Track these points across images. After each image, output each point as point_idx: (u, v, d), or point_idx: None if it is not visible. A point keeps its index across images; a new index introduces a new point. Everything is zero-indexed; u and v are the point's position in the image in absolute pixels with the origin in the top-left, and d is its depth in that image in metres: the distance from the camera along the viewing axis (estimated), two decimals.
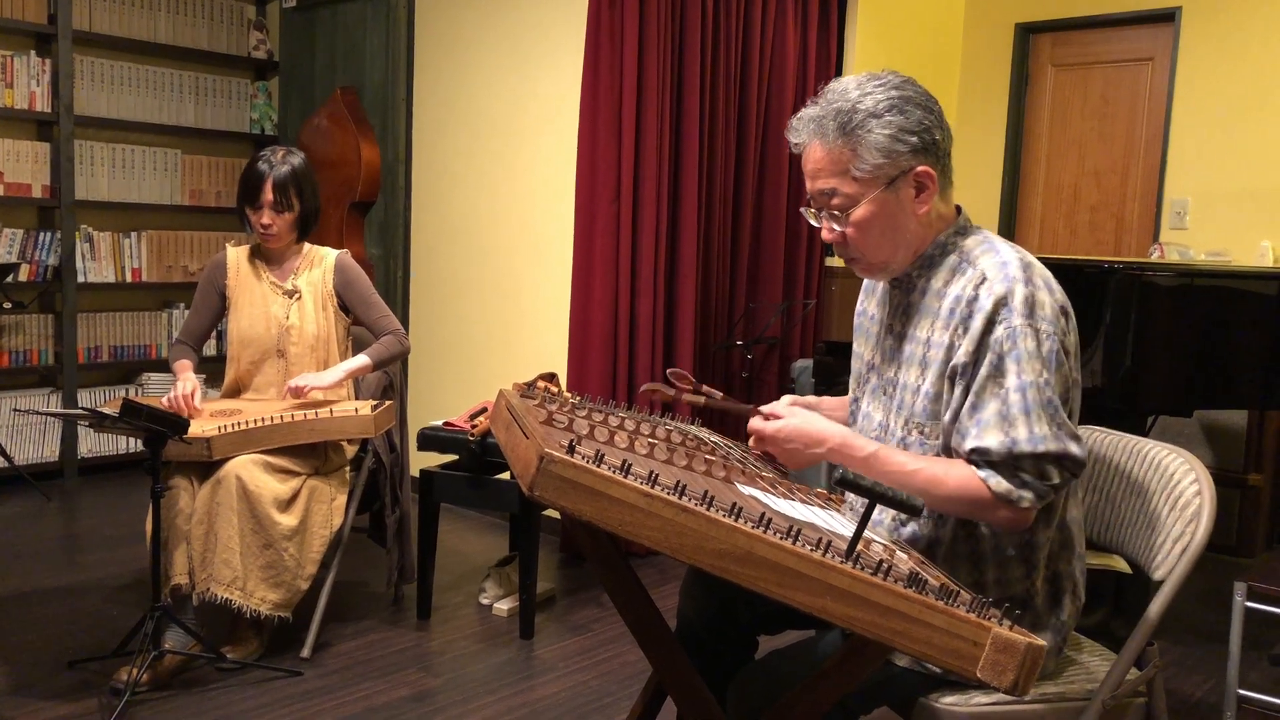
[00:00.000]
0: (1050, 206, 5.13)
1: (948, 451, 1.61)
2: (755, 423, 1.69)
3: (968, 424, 1.56)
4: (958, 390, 1.58)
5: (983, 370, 1.55)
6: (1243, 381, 3.07)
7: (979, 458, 1.54)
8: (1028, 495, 1.52)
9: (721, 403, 1.91)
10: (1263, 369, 3.06)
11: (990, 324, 1.55)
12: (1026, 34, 5.13)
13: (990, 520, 1.57)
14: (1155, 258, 4.35)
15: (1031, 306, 1.55)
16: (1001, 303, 1.55)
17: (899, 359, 1.71)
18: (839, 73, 4.53)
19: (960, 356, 1.57)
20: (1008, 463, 1.52)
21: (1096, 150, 4.96)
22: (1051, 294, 1.59)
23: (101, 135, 4.82)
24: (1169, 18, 4.64)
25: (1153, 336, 2.88)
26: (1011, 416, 1.52)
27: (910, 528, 1.68)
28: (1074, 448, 1.53)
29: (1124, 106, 4.87)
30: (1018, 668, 1.12)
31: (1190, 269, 3.15)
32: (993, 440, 1.52)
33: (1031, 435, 1.51)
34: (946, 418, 1.60)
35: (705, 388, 1.94)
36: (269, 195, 2.98)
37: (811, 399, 1.94)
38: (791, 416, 1.67)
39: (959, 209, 1.72)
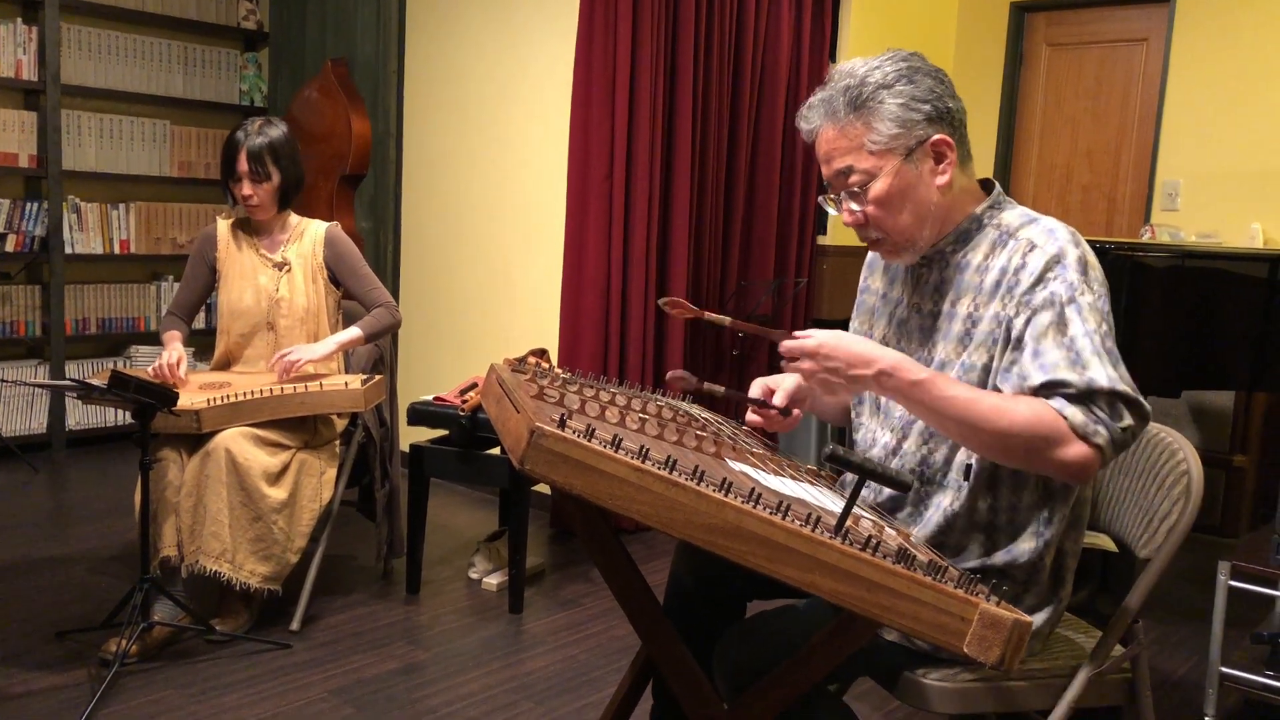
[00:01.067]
0: (1043, 186, 5.13)
1: None
2: (789, 342, 1.56)
3: (1029, 367, 1.48)
4: (1010, 345, 1.52)
5: (1042, 319, 1.49)
6: (1231, 363, 3.08)
7: (1051, 390, 1.46)
8: (1103, 431, 1.44)
9: (733, 394, 1.79)
10: (1251, 350, 3.07)
11: (1042, 280, 1.50)
12: (1021, 13, 5.12)
13: (1056, 460, 1.45)
14: (1146, 239, 4.36)
15: (1085, 266, 1.52)
16: (1054, 260, 1.51)
17: (932, 337, 1.66)
18: (833, 51, 4.51)
19: (1012, 312, 1.52)
20: (1084, 397, 1.45)
21: (1090, 130, 4.96)
22: (1098, 262, 1.56)
23: (89, 105, 4.78)
24: None
25: (1143, 317, 2.89)
26: (1084, 359, 1.46)
27: (927, 499, 1.63)
28: (1143, 400, 1.48)
29: (1118, 87, 4.86)
30: (1004, 643, 1.13)
31: (1181, 250, 3.16)
32: (1067, 374, 1.45)
33: (1108, 375, 1.45)
34: (995, 378, 1.53)
35: (707, 385, 1.86)
36: (244, 165, 2.96)
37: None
38: (829, 335, 1.54)
39: (993, 184, 1.68)
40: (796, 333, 1.58)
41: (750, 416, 1.77)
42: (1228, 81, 4.43)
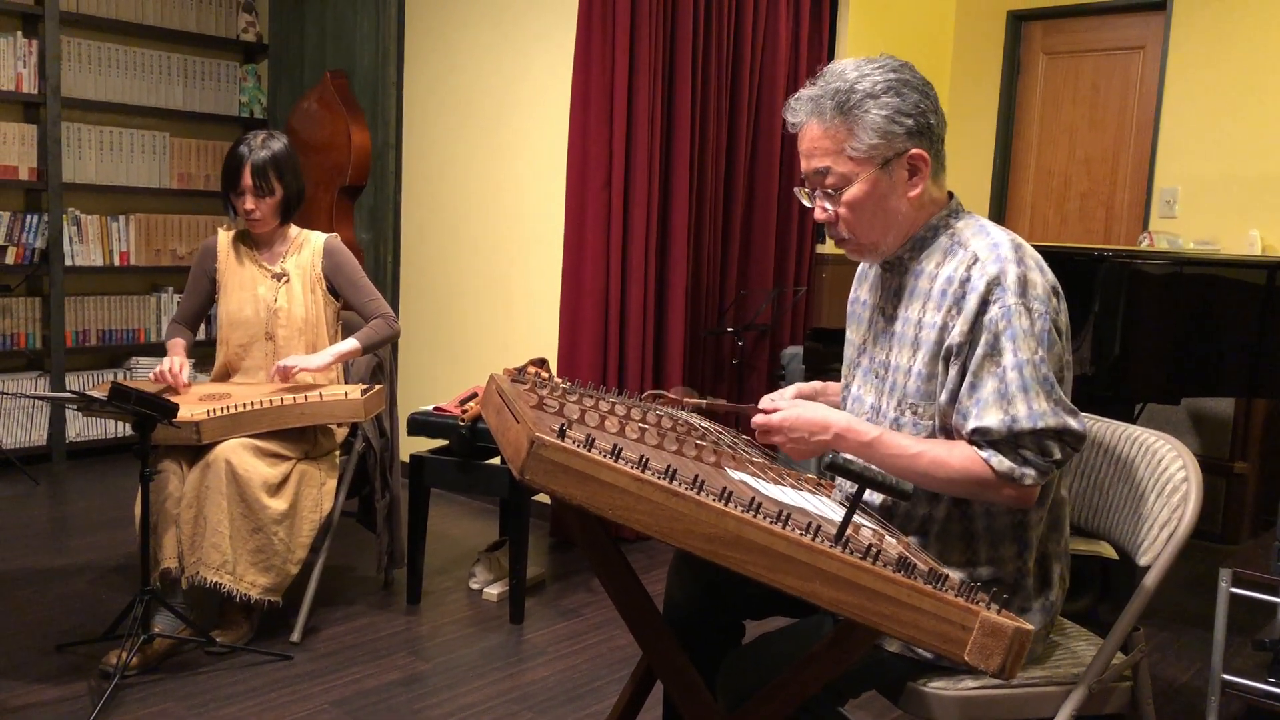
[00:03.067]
0: (1041, 194, 5.14)
1: (944, 432, 1.62)
2: (758, 417, 1.70)
3: (967, 404, 1.57)
4: (953, 370, 1.59)
5: (979, 350, 1.56)
6: (1230, 370, 3.08)
7: (980, 438, 1.55)
8: (1030, 472, 1.54)
9: (726, 406, 1.93)
10: (1250, 357, 3.07)
11: (984, 304, 1.56)
12: (1018, 22, 5.13)
13: (994, 500, 1.58)
14: (1144, 246, 4.36)
15: (1024, 286, 1.56)
16: (995, 282, 1.56)
17: (890, 341, 1.72)
18: (831, 59, 4.52)
19: (955, 336, 1.58)
20: (1009, 441, 1.53)
21: (1087, 138, 4.97)
22: (1043, 274, 1.60)
23: (89, 117, 4.78)
24: (1160, 6, 4.64)
25: (1141, 325, 2.89)
26: (1010, 395, 1.53)
27: (904, 508, 1.69)
28: (1073, 422, 1.55)
29: (1115, 95, 4.88)
30: (1005, 651, 1.13)
31: (1179, 257, 3.16)
32: (993, 419, 1.53)
33: (1030, 412, 1.52)
34: (943, 398, 1.61)
35: (708, 401, 1.95)
36: (248, 180, 2.97)
37: (817, 385, 1.95)
38: (790, 408, 1.68)
39: (951, 195, 1.73)
40: (763, 404, 1.73)
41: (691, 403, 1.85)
42: (1224, 88, 4.44)
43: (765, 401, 1.77)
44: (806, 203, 1.72)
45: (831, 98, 1.62)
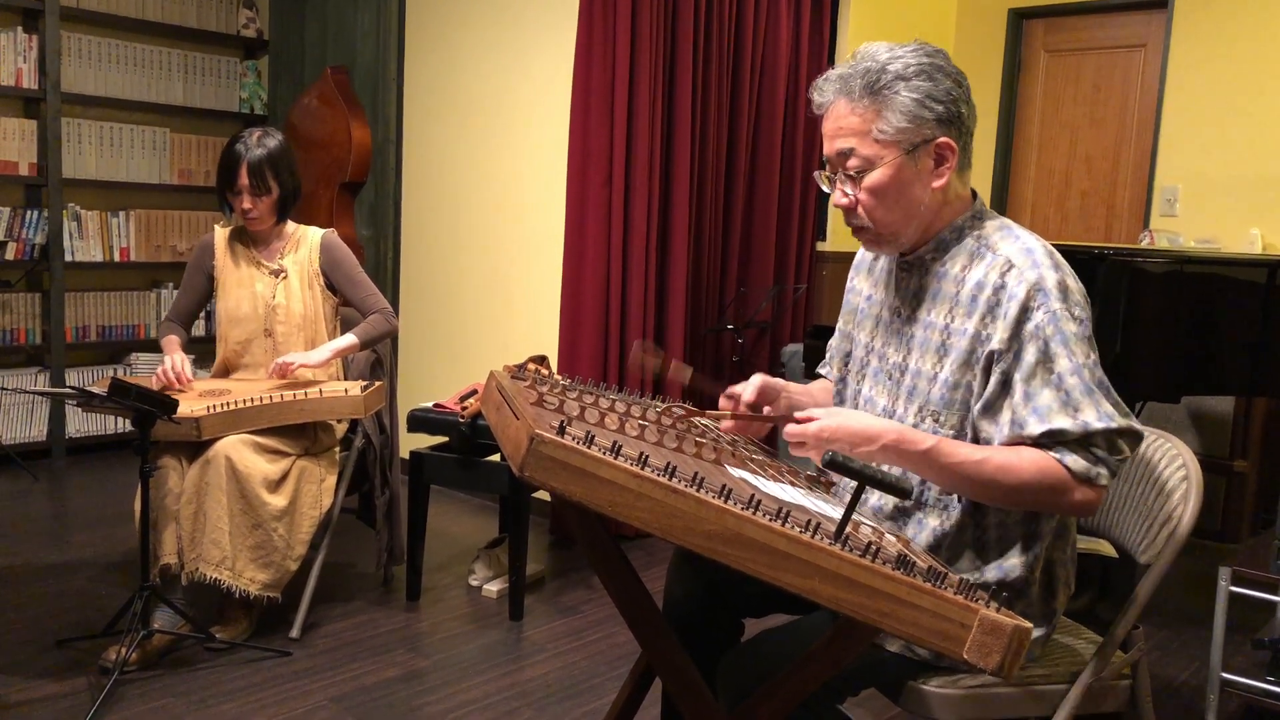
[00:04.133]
0: (1041, 192, 5.14)
1: (962, 438, 1.59)
2: (791, 428, 1.57)
3: (1024, 413, 1.51)
4: (994, 379, 1.54)
5: (1029, 357, 1.51)
6: (1230, 368, 3.08)
7: (1050, 440, 1.50)
8: (1104, 471, 1.50)
9: (750, 417, 1.75)
10: (1250, 356, 3.07)
11: (1026, 310, 1.52)
12: (1019, 19, 5.12)
13: (1064, 504, 1.52)
14: (1145, 244, 4.36)
15: (1065, 291, 1.53)
16: (1036, 289, 1.52)
17: (908, 343, 1.68)
18: (832, 59, 4.52)
19: (995, 344, 1.53)
20: (1081, 442, 1.50)
21: (1088, 136, 4.97)
22: (1076, 280, 1.57)
23: (89, 113, 4.78)
24: (1162, 4, 4.63)
25: (1142, 323, 2.89)
26: (1075, 401, 1.49)
27: (915, 518, 1.65)
28: (1135, 424, 1.53)
29: (1116, 93, 4.87)
30: (1004, 650, 1.13)
31: (1180, 256, 3.16)
32: (1064, 422, 1.49)
33: (1100, 414, 1.49)
34: (977, 407, 1.56)
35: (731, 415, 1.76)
36: (244, 179, 2.96)
37: (778, 382, 1.82)
38: (829, 416, 1.56)
39: (975, 194, 1.69)
40: (798, 414, 1.58)
41: (725, 424, 1.76)
42: (1226, 87, 4.44)
43: (800, 414, 1.61)
44: (825, 187, 1.67)
45: (861, 77, 1.57)
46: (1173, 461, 1.73)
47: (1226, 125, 4.43)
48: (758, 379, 1.78)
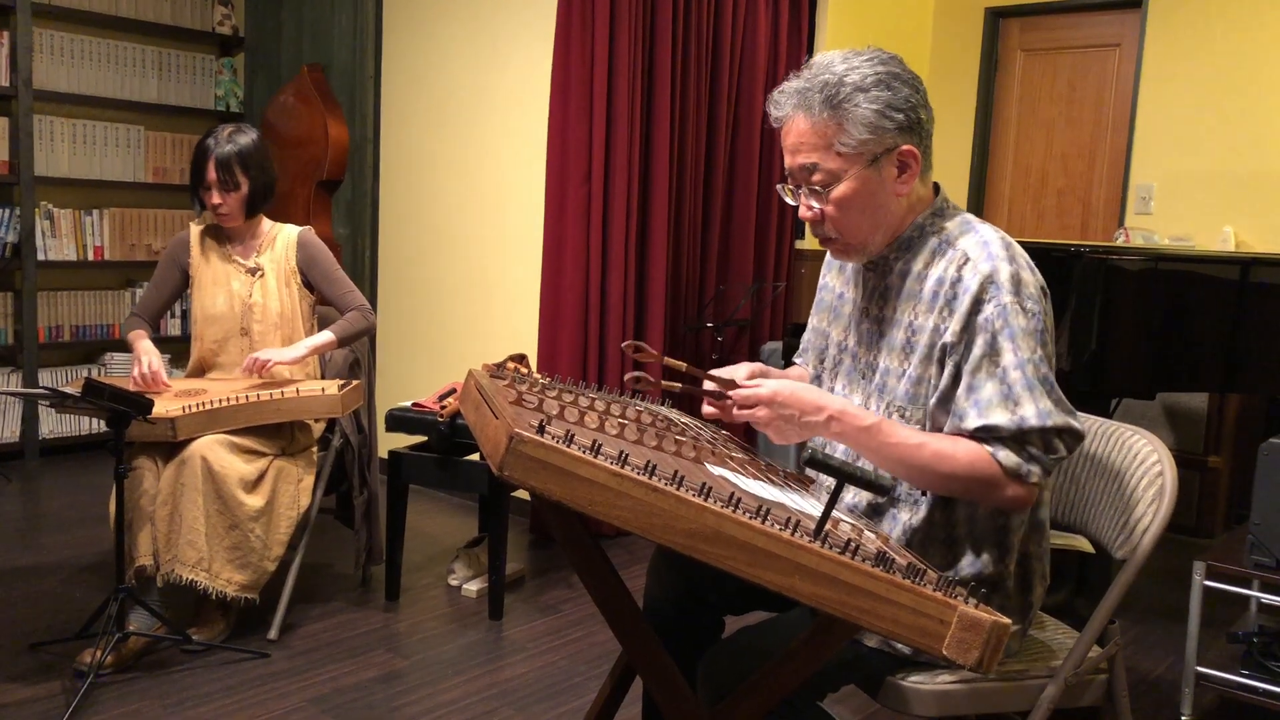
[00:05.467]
0: (1018, 190, 5.17)
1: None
2: (741, 391, 1.58)
3: (965, 405, 1.53)
4: (946, 370, 1.56)
5: (976, 350, 1.53)
6: (1204, 365, 3.11)
7: (986, 434, 1.52)
8: (1036, 469, 1.51)
9: (701, 374, 1.71)
10: (1224, 352, 3.10)
11: (978, 303, 1.53)
12: (996, 18, 5.15)
13: (995, 498, 1.54)
14: (1120, 242, 4.39)
15: (1018, 284, 1.53)
16: (988, 281, 1.53)
17: (878, 343, 1.68)
18: (810, 55, 4.53)
19: (948, 336, 1.55)
20: (1016, 439, 1.51)
21: (1064, 135, 5.00)
22: (1033, 273, 1.58)
23: (62, 110, 4.73)
24: (1136, 4, 4.67)
25: (1117, 320, 2.91)
26: (1015, 395, 1.50)
27: (888, 513, 1.66)
28: (1074, 422, 1.53)
29: (1091, 92, 4.91)
30: (983, 645, 1.13)
31: (1154, 254, 3.19)
32: (1000, 418, 1.50)
33: (1038, 411, 1.50)
34: (933, 400, 1.58)
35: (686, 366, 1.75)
36: (212, 174, 2.94)
37: (758, 366, 1.81)
38: (781, 385, 1.57)
39: (937, 187, 1.70)
40: (747, 381, 1.60)
41: (706, 409, 1.74)
42: (1199, 86, 4.48)
43: (742, 376, 1.63)
44: (790, 200, 1.67)
45: (819, 91, 1.57)
46: (1149, 457, 1.74)
47: (1200, 124, 4.48)
48: (747, 364, 1.76)
